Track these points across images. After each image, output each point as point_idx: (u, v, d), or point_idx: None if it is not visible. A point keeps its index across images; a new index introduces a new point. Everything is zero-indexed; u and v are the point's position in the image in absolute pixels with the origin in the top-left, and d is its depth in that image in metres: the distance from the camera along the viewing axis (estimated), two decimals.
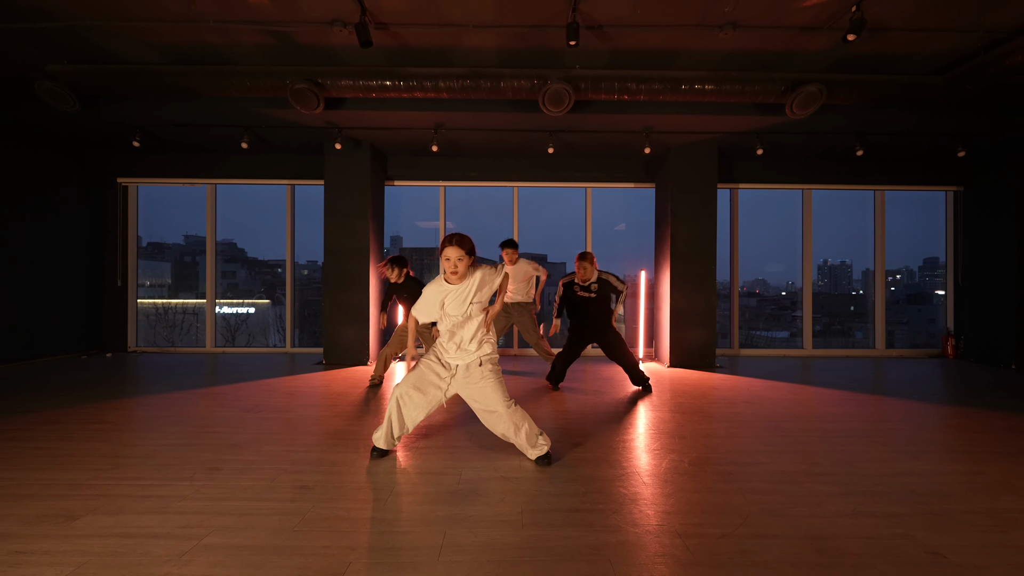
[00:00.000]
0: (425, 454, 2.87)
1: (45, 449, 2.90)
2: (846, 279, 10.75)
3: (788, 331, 9.37)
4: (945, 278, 7.14)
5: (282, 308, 9.03)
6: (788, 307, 9.90)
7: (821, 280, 10.45)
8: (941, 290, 7.27)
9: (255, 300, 9.61)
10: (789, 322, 9.78)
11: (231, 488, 2.37)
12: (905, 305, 8.78)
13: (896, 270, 8.09)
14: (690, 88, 4.41)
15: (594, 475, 2.57)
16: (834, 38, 4.01)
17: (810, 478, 2.57)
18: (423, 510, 2.17)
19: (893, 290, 7.98)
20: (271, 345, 7.98)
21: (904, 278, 9.00)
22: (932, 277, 7.83)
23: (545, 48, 4.22)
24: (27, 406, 3.85)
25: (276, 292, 9.39)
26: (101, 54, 4.35)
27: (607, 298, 4.42)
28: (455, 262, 2.57)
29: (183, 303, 8.27)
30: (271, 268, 11.27)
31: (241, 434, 3.21)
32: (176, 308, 8.45)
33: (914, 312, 8.55)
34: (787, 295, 9.74)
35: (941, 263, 7.27)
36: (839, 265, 11.28)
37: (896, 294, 8.02)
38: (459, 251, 2.57)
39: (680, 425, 3.51)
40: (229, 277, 11.58)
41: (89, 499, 2.24)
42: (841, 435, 3.31)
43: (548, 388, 4.68)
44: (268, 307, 9.69)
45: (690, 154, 5.88)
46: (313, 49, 4.24)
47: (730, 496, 2.33)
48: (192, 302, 8.36)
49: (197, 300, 8.36)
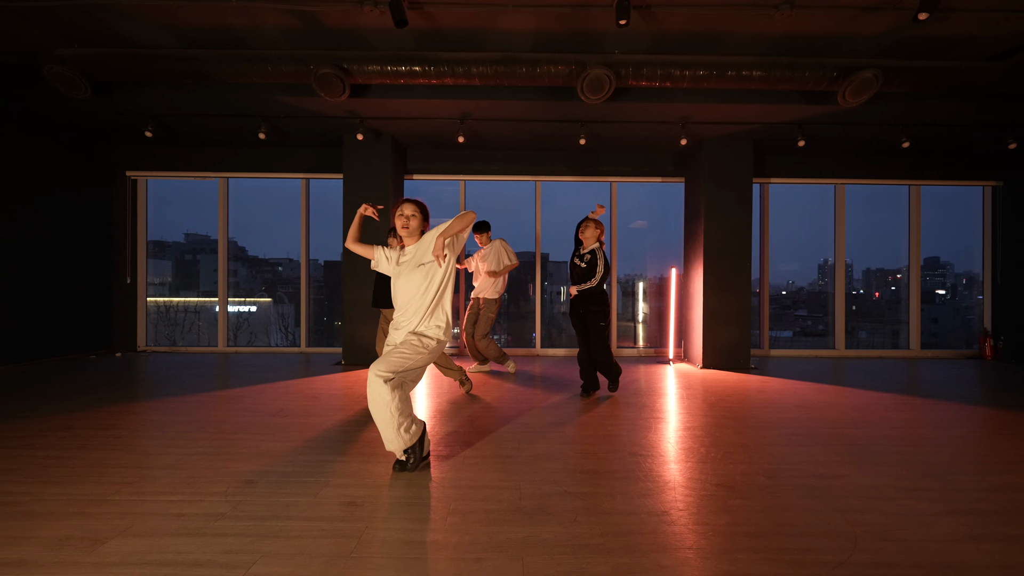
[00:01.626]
0: (474, 465, 2.63)
1: (61, 459, 2.66)
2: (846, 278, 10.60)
3: (791, 330, 9.19)
4: (982, 277, 6.90)
5: (283, 306, 8.84)
6: (790, 306, 9.72)
7: (821, 279, 10.24)
8: (942, 290, 7.06)
9: (256, 299, 9.42)
10: (792, 321, 9.60)
11: (272, 504, 2.14)
12: (908, 304, 8.58)
13: (897, 270, 7.90)
14: (737, 74, 4.18)
15: (667, 488, 2.34)
16: (894, 19, 3.77)
17: (903, 493, 2.34)
18: (490, 532, 1.94)
19: (894, 290, 7.80)
20: (274, 344, 7.76)
21: (904, 277, 8.82)
22: (933, 277, 7.65)
23: (585, 31, 3.98)
24: (38, 410, 3.62)
25: (278, 290, 9.20)
26: (114, 37, 4.11)
27: (592, 272, 4.00)
28: (407, 217, 2.58)
29: (188, 301, 8.01)
30: (272, 266, 11.07)
31: (270, 441, 2.98)
32: (178, 307, 8.21)
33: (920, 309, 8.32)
34: (787, 294, 9.57)
35: (942, 263, 7.08)
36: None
37: (898, 293, 7.90)
38: (412, 207, 2.60)
39: (737, 433, 3.28)
40: (230, 275, 11.38)
41: (115, 518, 2.01)
42: (915, 443, 3.08)
43: (579, 395, 4.25)
44: (270, 305, 9.48)
45: (724, 147, 5.64)
46: (340, 32, 3.99)
47: (826, 515, 2.10)
48: (194, 300, 8.11)
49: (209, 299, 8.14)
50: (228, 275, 6.87)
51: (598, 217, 4.03)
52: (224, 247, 6.78)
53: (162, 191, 6.88)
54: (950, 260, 8.33)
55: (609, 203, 6.69)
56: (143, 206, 6.71)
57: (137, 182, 6.65)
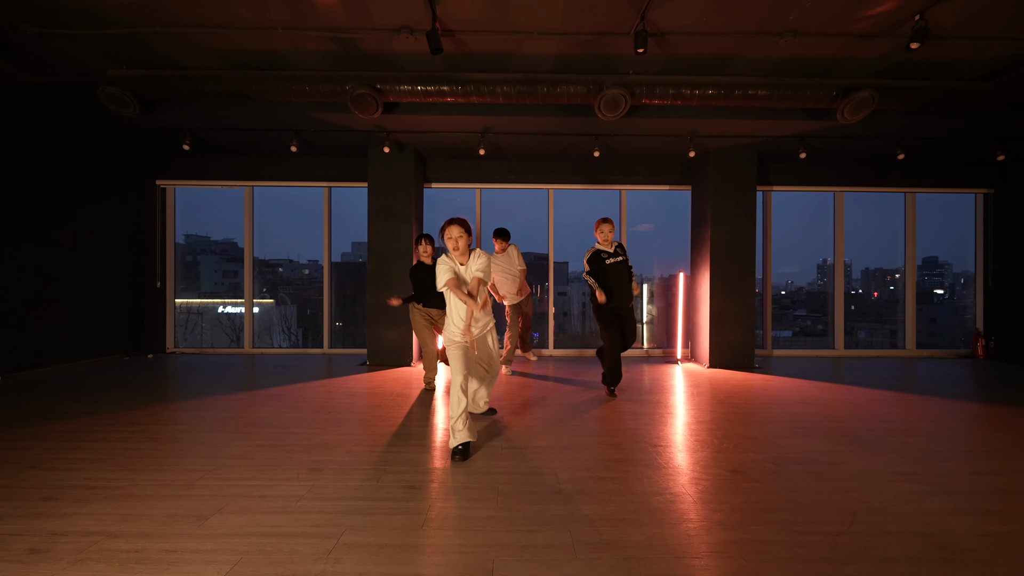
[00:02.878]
0: (512, 456, 2.93)
1: (139, 450, 2.96)
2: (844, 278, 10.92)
3: (791, 330, 9.48)
4: (975, 279, 7.22)
5: (285, 307, 9.10)
6: (789, 306, 10.01)
7: (820, 280, 10.53)
8: (940, 289, 7.33)
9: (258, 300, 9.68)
10: (791, 321, 9.90)
11: (342, 488, 2.43)
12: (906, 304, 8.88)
13: (895, 269, 8.19)
14: (743, 93, 4.48)
15: (687, 474, 2.64)
16: (889, 45, 4.08)
17: (896, 477, 2.64)
18: (537, 509, 2.23)
19: (892, 289, 8.07)
20: (276, 344, 8.03)
21: (903, 278, 9.12)
22: (931, 277, 7.92)
23: (603, 54, 4.28)
24: (98, 407, 3.91)
25: (279, 292, 9.49)
26: (161, 59, 4.40)
27: (627, 265, 4.30)
28: (456, 239, 3.00)
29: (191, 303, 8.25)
30: (272, 268, 11.37)
31: (323, 435, 3.27)
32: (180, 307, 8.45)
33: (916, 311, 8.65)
34: (786, 294, 9.87)
35: (940, 262, 7.33)
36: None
37: (896, 293, 8.12)
38: (459, 229, 3.01)
39: (746, 426, 3.58)
40: (231, 277, 11.68)
41: (208, 499, 2.30)
42: (908, 435, 3.38)
43: (605, 396, 4.42)
44: (272, 307, 9.75)
45: (730, 157, 5.95)
46: (374, 55, 4.29)
47: (829, 495, 2.40)
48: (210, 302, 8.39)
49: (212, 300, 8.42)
50: (253, 280, 7.15)
51: None
52: (250, 253, 7.07)
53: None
54: (948, 260, 8.60)
55: (618, 210, 6.99)
56: (172, 212, 7.00)
57: (166, 190, 6.94)
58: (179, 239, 10.05)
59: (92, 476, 2.55)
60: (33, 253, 5.25)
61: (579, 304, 8.40)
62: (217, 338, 8.24)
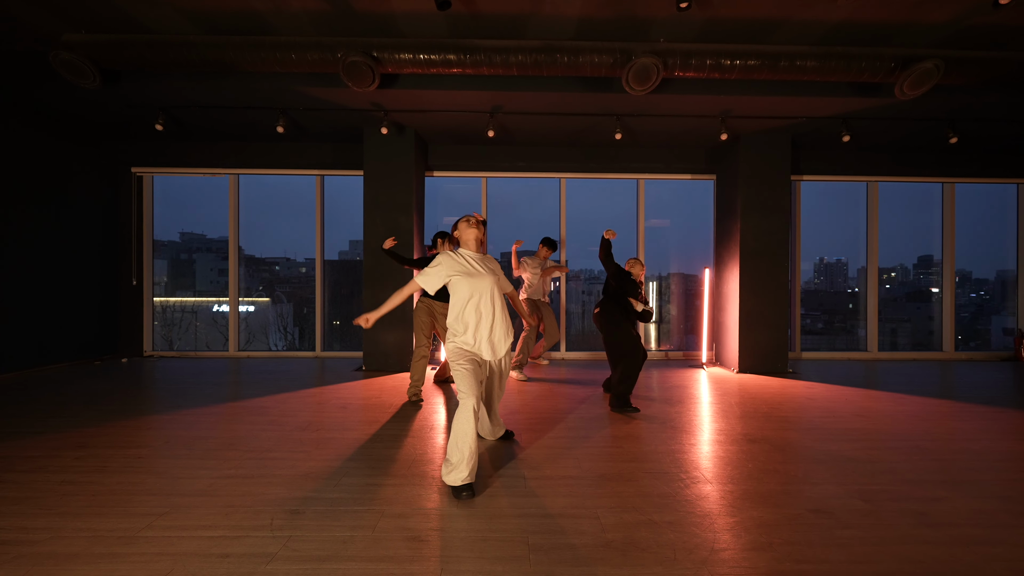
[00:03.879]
0: (538, 488, 2.38)
1: (79, 484, 2.40)
2: (842, 277, 10.51)
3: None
4: (1017, 275, 6.72)
5: (282, 306, 8.57)
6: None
7: (818, 278, 10.10)
8: (936, 287, 6.92)
9: (254, 298, 9.16)
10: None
11: (327, 541, 1.89)
12: (905, 303, 8.53)
13: (891, 268, 7.76)
14: (790, 64, 3.94)
15: (756, 515, 2.10)
16: (962, 6, 3.54)
17: (1020, 519, 2.11)
18: (585, 573, 1.69)
19: (888, 288, 7.64)
20: (272, 344, 7.47)
21: (899, 276, 8.69)
22: (927, 275, 7.53)
23: (631, 17, 3.73)
24: (49, 424, 3.35)
25: (275, 290, 8.96)
26: (124, 22, 3.83)
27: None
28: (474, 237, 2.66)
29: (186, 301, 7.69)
30: (268, 266, 10.86)
31: (307, 461, 2.72)
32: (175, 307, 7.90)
33: (914, 310, 8.30)
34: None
35: (935, 260, 6.91)
36: (835, 263, 11.05)
37: (893, 291, 7.76)
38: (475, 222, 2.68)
39: (804, 446, 3.05)
40: (226, 275, 11.17)
41: (150, 560, 1.75)
42: (999, 458, 2.86)
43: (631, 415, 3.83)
44: (268, 306, 9.23)
45: (762, 142, 5.41)
46: (370, 16, 3.73)
47: (952, 549, 1.87)
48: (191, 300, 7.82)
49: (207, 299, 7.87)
50: (238, 276, 6.59)
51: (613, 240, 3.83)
52: (235, 247, 6.51)
53: (157, 188, 6.55)
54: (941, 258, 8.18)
55: (635, 201, 6.45)
56: (149, 204, 6.42)
57: (143, 179, 6.36)
58: (174, 237, 9.48)
59: (6, 525, 2.00)
60: None
61: (580, 304, 7.83)
62: (212, 337, 7.71)
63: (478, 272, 2.57)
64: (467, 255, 2.63)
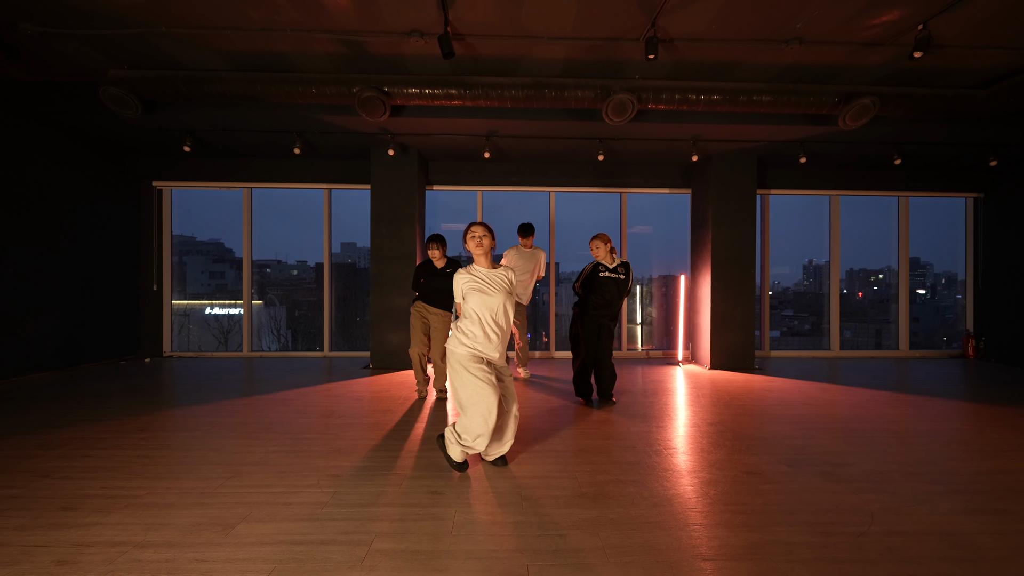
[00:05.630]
0: (530, 460, 2.94)
1: (152, 458, 2.92)
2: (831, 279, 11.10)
3: (778, 330, 9.64)
4: (965, 281, 7.39)
5: (274, 309, 8.98)
6: (776, 307, 10.18)
7: (806, 280, 10.72)
8: (922, 289, 7.53)
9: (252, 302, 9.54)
10: (779, 321, 10.06)
11: (365, 494, 2.43)
12: (889, 305, 9.15)
13: (878, 270, 8.39)
14: (748, 99, 4.55)
15: (705, 476, 2.67)
16: (891, 53, 4.16)
17: (907, 477, 2.71)
18: (563, 513, 2.25)
19: (876, 289, 8.24)
20: (266, 346, 7.95)
21: (886, 278, 9.35)
22: (913, 277, 8.17)
23: (610, 59, 4.31)
24: (102, 414, 3.85)
25: (267, 293, 9.39)
26: (164, 60, 4.34)
27: (626, 284, 4.11)
28: (480, 237, 2.71)
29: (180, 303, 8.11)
30: (260, 268, 11.31)
31: (337, 440, 3.26)
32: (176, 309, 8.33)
33: (897, 312, 8.93)
34: (774, 295, 10.05)
35: (921, 263, 7.53)
36: (824, 265, 11.70)
37: (880, 294, 8.30)
38: (483, 228, 2.74)
39: (753, 427, 3.63)
40: (218, 278, 11.59)
41: (232, 507, 2.29)
42: (912, 435, 3.46)
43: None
44: (261, 308, 9.65)
45: (731, 161, 6.02)
46: (382, 58, 4.28)
47: (845, 496, 2.45)
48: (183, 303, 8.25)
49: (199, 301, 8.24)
50: (251, 281, 7.08)
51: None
52: (248, 256, 7.00)
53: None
54: (930, 260, 8.82)
55: (619, 212, 7.04)
56: (168, 214, 6.90)
57: (163, 192, 6.84)
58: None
59: (108, 485, 2.52)
60: (28, 256, 5.15)
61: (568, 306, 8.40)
62: (204, 340, 8.10)
63: (490, 290, 2.66)
64: (479, 272, 2.72)
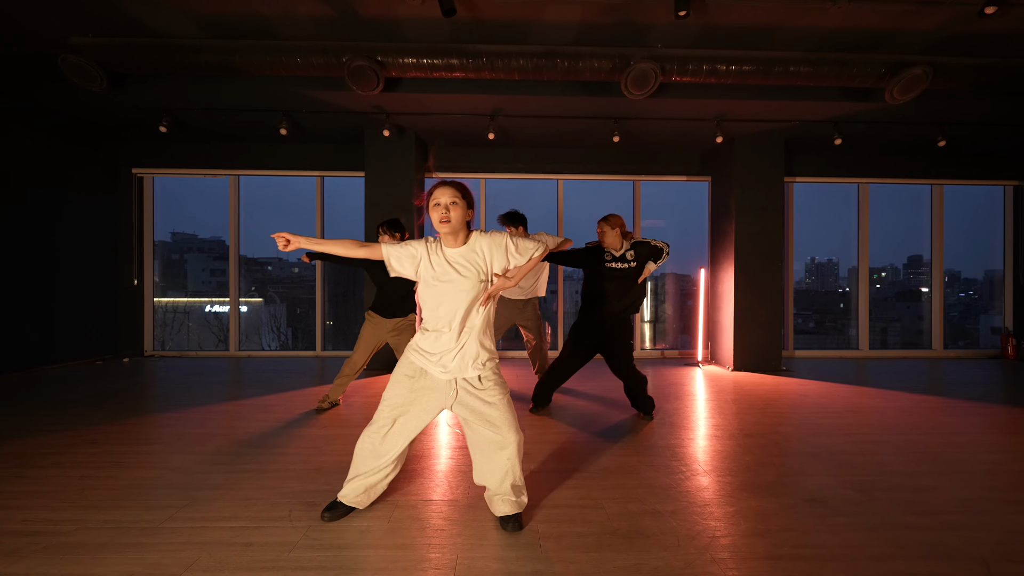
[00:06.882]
0: (544, 481, 2.47)
1: (98, 479, 2.46)
2: (832, 277, 10.69)
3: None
4: (1004, 276, 6.89)
5: (275, 307, 8.60)
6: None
7: (809, 278, 10.32)
8: (926, 287, 7.10)
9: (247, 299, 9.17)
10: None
11: (346, 531, 1.96)
12: (895, 302, 8.74)
13: (881, 267, 7.96)
14: (784, 70, 4.06)
15: (754, 504, 2.20)
16: (949, 15, 3.67)
17: (1006, 507, 2.23)
18: (592, 559, 1.78)
19: (879, 287, 7.82)
20: (265, 344, 7.52)
21: (889, 275, 8.92)
22: (916, 275, 7.76)
23: (631, 23, 3.83)
24: (59, 422, 3.39)
25: (268, 290, 9.02)
26: (131, 26, 3.87)
27: (639, 273, 3.40)
28: (446, 206, 1.86)
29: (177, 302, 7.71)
30: (261, 266, 10.92)
31: (318, 456, 2.80)
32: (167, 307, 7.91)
33: (903, 309, 8.52)
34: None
35: (925, 260, 7.10)
36: (826, 263, 11.22)
37: (884, 291, 7.91)
38: (451, 191, 1.87)
39: (799, 440, 3.16)
40: (219, 275, 11.24)
41: (177, 549, 1.82)
42: (986, 450, 2.98)
43: (630, 410, 3.76)
44: (261, 306, 9.26)
45: (757, 145, 5.53)
46: (375, 22, 3.80)
47: (939, 534, 1.97)
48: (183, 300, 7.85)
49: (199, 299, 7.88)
50: (238, 277, 6.63)
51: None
52: (235, 248, 6.54)
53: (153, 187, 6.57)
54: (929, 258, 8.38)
55: (631, 202, 6.56)
56: (150, 204, 6.45)
57: (143, 179, 6.39)
58: (165, 237, 9.49)
59: (32, 518, 2.06)
60: None
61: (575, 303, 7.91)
62: (205, 337, 7.72)
63: (446, 278, 1.91)
64: (446, 253, 1.94)
